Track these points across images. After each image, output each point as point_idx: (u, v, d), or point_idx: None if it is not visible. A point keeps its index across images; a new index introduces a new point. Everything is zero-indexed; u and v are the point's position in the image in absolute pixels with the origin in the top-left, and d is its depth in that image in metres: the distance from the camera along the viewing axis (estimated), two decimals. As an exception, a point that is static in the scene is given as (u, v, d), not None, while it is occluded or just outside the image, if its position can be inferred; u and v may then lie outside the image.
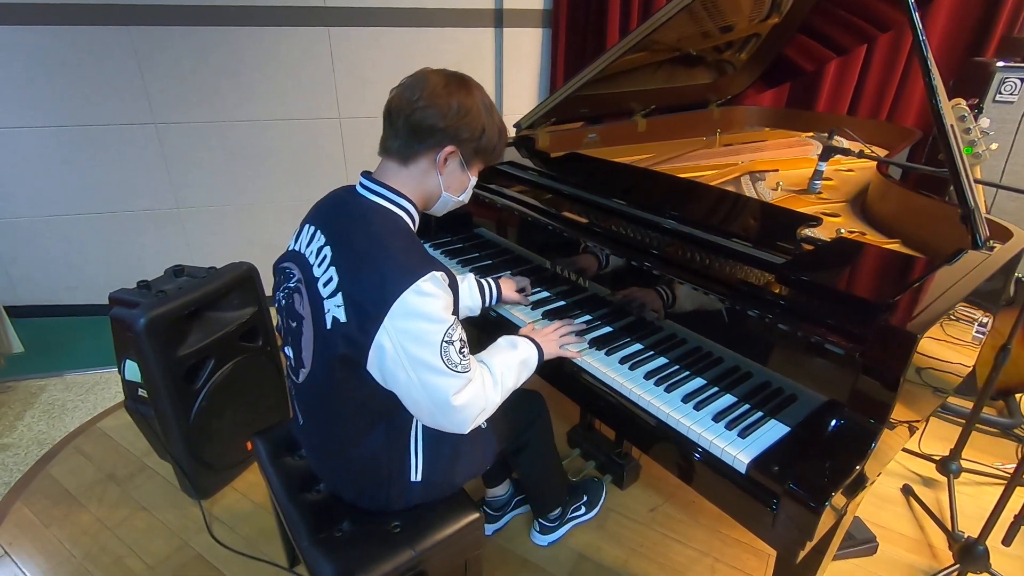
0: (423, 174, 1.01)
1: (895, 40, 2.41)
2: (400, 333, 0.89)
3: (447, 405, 0.94)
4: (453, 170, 1.03)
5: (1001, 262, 1.07)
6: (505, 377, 1.07)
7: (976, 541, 1.46)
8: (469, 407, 0.97)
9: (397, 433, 1.05)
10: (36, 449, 1.95)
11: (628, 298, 1.26)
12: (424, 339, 0.90)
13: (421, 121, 0.96)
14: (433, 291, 0.90)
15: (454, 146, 0.99)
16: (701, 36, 1.73)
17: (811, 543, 0.86)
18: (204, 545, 1.59)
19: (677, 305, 1.16)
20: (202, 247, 2.87)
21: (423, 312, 0.89)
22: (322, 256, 0.97)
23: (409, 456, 1.07)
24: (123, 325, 1.45)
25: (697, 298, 1.10)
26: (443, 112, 0.95)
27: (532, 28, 2.80)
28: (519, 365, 1.11)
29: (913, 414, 1.01)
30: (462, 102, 0.97)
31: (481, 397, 0.99)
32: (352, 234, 0.96)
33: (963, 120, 1.59)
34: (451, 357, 0.92)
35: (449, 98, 0.96)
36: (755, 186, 1.63)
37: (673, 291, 1.15)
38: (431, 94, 0.95)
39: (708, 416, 1.03)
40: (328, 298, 0.94)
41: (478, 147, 1.02)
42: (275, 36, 2.53)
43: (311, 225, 1.03)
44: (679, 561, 1.56)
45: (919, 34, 1.01)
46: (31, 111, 2.42)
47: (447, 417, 0.97)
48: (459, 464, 1.13)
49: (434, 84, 0.96)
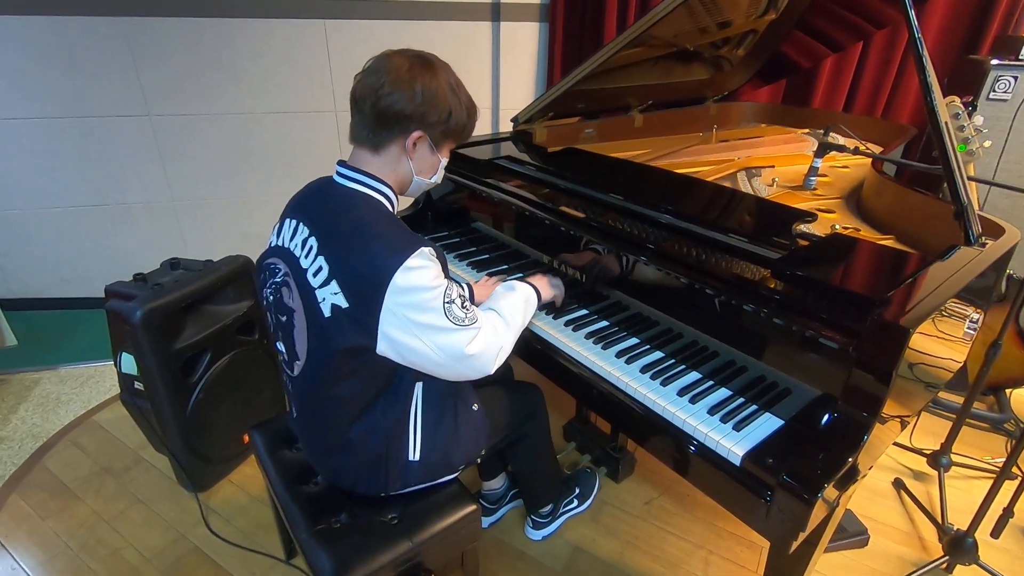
0: (395, 160, 1.02)
1: (891, 37, 2.41)
2: (402, 307, 0.91)
3: (463, 355, 0.97)
4: (423, 154, 1.03)
5: (993, 258, 1.08)
6: (514, 316, 1.11)
7: (965, 534, 1.48)
8: (486, 352, 1.01)
9: (396, 410, 1.06)
10: (31, 442, 1.95)
11: (624, 292, 1.26)
12: (426, 306, 0.93)
13: (387, 108, 0.95)
14: (422, 263, 0.92)
15: (422, 131, 0.99)
16: (698, 32, 1.73)
17: (804, 534, 0.87)
18: (201, 538, 1.59)
19: (673, 300, 1.17)
20: (197, 240, 2.86)
21: (418, 284, 0.91)
22: (308, 247, 0.97)
23: (407, 434, 1.08)
24: (119, 318, 1.45)
25: (692, 293, 1.11)
26: (408, 97, 0.94)
27: (529, 22, 2.79)
28: (523, 303, 1.16)
29: (904, 409, 1.02)
30: (427, 85, 0.95)
31: (494, 340, 1.03)
32: (337, 222, 0.96)
33: (957, 117, 1.60)
34: (455, 314, 0.96)
35: (413, 82, 0.94)
36: (751, 182, 1.64)
37: (669, 286, 1.16)
38: (395, 79, 0.94)
39: (703, 409, 1.04)
40: (320, 287, 0.95)
41: (446, 129, 1.01)
42: (270, 28, 2.52)
43: (291, 219, 1.03)
44: (674, 554, 1.58)
45: (914, 31, 1.02)
46: (24, 103, 2.40)
47: (469, 366, 1.00)
48: (456, 446, 1.14)
49: (397, 68, 0.94)
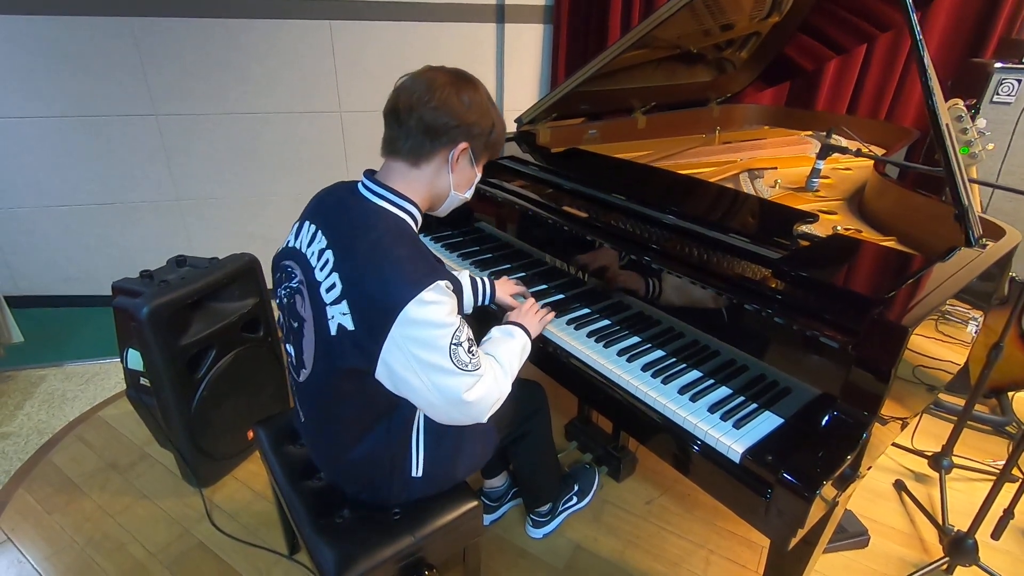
0: (434, 173, 1.01)
1: (895, 40, 2.42)
2: (408, 340, 0.89)
3: (460, 401, 0.95)
4: (464, 167, 1.04)
5: (993, 259, 1.09)
6: (512, 364, 1.11)
7: (966, 535, 1.48)
8: (483, 400, 0.99)
9: (398, 430, 1.06)
10: (36, 438, 1.97)
11: (626, 292, 1.27)
12: (432, 344, 0.91)
13: (435, 119, 0.95)
14: (437, 299, 0.90)
15: (467, 142, 1.00)
16: (702, 34, 1.74)
17: (802, 531, 0.88)
18: (205, 533, 1.61)
19: (675, 299, 1.18)
20: (202, 239, 2.88)
21: (428, 320, 0.89)
22: (324, 260, 0.96)
23: (410, 452, 1.09)
24: (126, 314, 1.46)
25: (694, 292, 1.12)
26: (457, 109, 0.96)
27: (534, 24, 2.81)
28: (520, 351, 1.15)
29: (904, 410, 1.03)
30: (472, 98, 0.98)
31: (495, 388, 1.02)
32: (355, 240, 0.95)
33: (960, 120, 1.61)
34: (460, 358, 0.94)
35: (459, 95, 0.96)
36: (753, 183, 1.64)
37: (671, 285, 1.17)
38: (442, 92, 0.95)
39: (704, 407, 1.05)
40: (331, 304, 0.94)
41: (487, 142, 1.03)
42: (276, 28, 2.53)
43: (311, 223, 1.02)
44: (675, 553, 1.58)
45: (916, 35, 1.02)
46: (32, 102, 2.42)
47: (462, 412, 0.98)
48: (460, 458, 1.15)
49: (442, 82, 0.96)
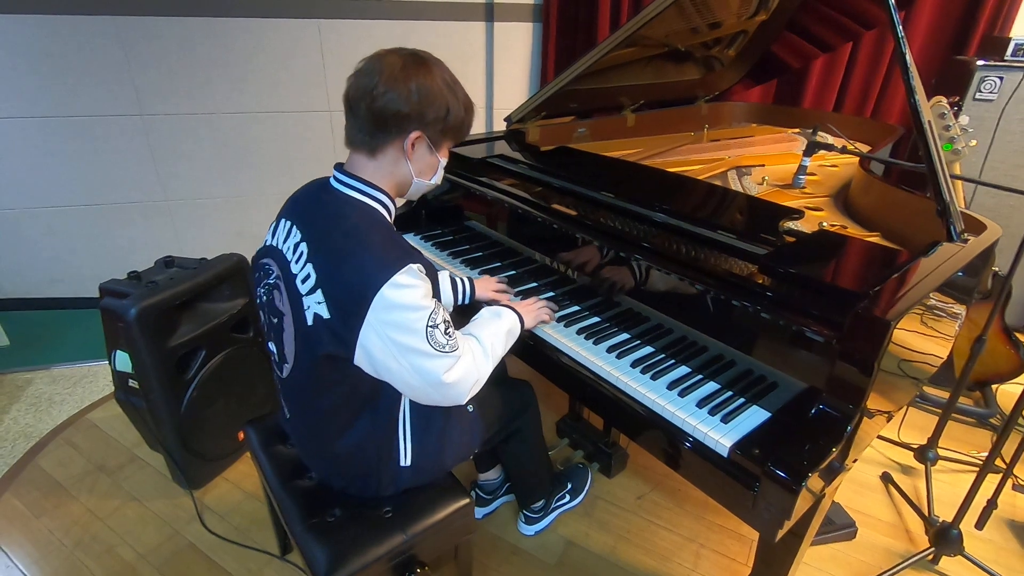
0: (393, 163, 0.99)
1: (880, 38, 2.45)
2: (384, 325, 0.90)
3: (440, 383, 0.96)
4: (422, 155, 1.00)
5: (974, 253, 1.11)
6: (495, 347, 1.10)
7: (951, 525, 1.51)
8: (462, 381, 0.99)
9: (384, 420, 1.06)
10: (23, 442, 1.94)
11: (615, 289, 1.28)
12: (409, 327, 0.91)
13: (383, 109, 0.92)
14: (411, 282, 0.90)
15: (420, 130, 0.96)
16: (690, 32, 1.75)
17: (790, 523, 0.89)
18: (196, 534, 1.60)
19: (663, 295, 1.19)
20: (191, 239, 2.86)
21: (404, 303, 0.90)
22: (299, 252, 0.96)
23: (397, 442, 1.09)
24: (114, 315, 1.45)
25: (682, 288, 1.13)
26: (404, 97, 0.92)
27: (523, 22, 2.81)
28: (505, 334, 1.14)
29: (889, 403, 1.05)
30: (422, 83, 0.93)
31: (473, 370, 1.02)
32: (329, 230, 0.95)
33: (943, 117, 1.64)
34: (437, 339, 0.94)
35: (408, 81, 0.92)
36: (741, 180, 1.66)
37: (659, 282, 1.18)
38: (389, 79, 0.91)
39: (692, 402, 1.06)
40: (307, 295, 0.94)
41: (444, 127, 0.99)
42: (264, 27, 2.52)
43: (287, 220, 1.02)
44: (665, 547, 1.60)
45: (898, 33, 1.04)
46: (15, 101, 2.39)
47: (442, 394, 0.99)
48: (447, 448, 1.15)
49: (391, 67, 0.92)
